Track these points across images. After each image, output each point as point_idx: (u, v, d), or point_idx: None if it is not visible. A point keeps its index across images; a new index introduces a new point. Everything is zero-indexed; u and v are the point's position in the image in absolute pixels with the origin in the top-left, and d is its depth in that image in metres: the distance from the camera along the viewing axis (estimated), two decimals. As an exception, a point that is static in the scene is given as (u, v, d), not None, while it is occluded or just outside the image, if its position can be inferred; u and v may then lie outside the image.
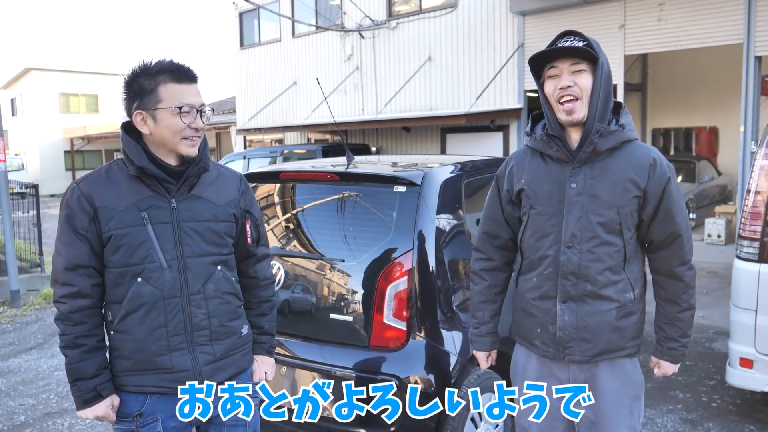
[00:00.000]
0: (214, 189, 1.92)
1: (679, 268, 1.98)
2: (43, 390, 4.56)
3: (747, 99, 8.32)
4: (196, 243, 1.85)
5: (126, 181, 1.81)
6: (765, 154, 3.54)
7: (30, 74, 28.63)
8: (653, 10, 9.06)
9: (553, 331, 1.98)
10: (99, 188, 1.80)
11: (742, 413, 3.86)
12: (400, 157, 4.40)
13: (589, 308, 1.93)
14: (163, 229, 1.80)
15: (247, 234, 2.02)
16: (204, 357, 1.87)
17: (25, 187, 9.74)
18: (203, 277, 1.86)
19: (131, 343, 1.81)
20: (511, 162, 2.10)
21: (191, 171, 1.84)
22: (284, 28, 14.92)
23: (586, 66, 1.88)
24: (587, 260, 1.91)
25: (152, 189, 1.81)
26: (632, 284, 1.96)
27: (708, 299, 6.60)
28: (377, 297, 2.68)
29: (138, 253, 1.78)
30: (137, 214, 1.79)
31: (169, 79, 1.78)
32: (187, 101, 1.78)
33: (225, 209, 1.92)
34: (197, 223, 1.85)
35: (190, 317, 1.83)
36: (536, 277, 2.00)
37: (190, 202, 1.86)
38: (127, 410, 1.85)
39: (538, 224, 1.98)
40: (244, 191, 2.02)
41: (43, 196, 14.40)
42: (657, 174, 1.90)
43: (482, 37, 11.27)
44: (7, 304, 7.17)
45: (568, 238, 1.92)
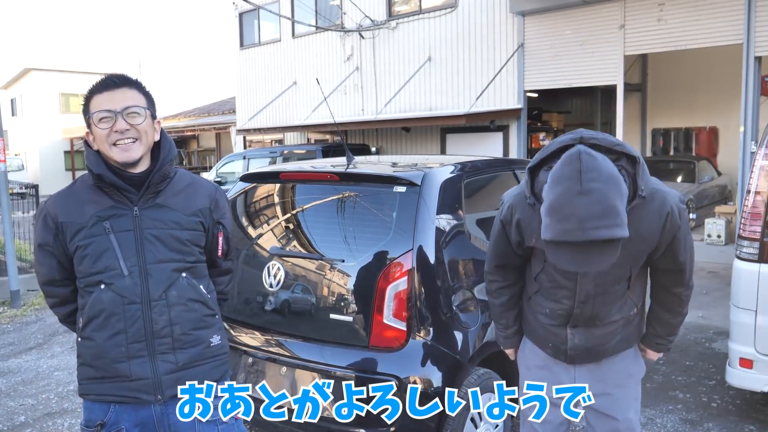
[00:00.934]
0: (183, 197, 1.91)
1: (678, 289, 2.08)
2: (43, 390, 4.56)
3: (747, 99, 8.31)
4: (158, 250, 1.83)
5: (89, 194, 1.84)
6: (765, 154, 3.54)
7: (30, 74, 28.63)
8: (653, 10, 9.06)
9: (564, 349, 2.10)
10: (62, 205, 1.85)
11: (742, 413, 3.86)
12: (399, 158, 4.40)
13: (597, 331, 2.06)
14: (125, 237, 1.81)
15: (219, 246, 2.01)
16: (165, 366, 1.83)
17: (25, 187, 9.76)
18: (165, 283, 1.83)
19: (93, 349, 1.82)
20: (516, 214, 2.00)
21: (152, 178, 1.83)
22: (284, 29, 14.92)
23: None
24: (599, 305, 2.02)
25: (114, 198, 1.83)
26: (635, 302, 2.08)
27: (708, 299, 6.60)
28: (377, 297, 2.68)
29: (101, 262, 1.80)
30: (99, 225, 1.80)
31: (96, 91, 1.81)
32: (105, 107, 1.78)
33: (191, 218, 1.90)
34: (160, 231, 1.84)
35: (151, 324, 1.81)
36: (549, 310, 2.09)
37: (154, 210, 1.85)
38: (91, 418, 1.85)
39: (553, 276, 2.03)
40: (217, 202, 2.00)
41: (43, 196, 14.40)
42: (668, 230, 1.89)
43: (482, 37, 11.27)
44: (7, 304, 7.17)
45: (582, 297, 2.00)
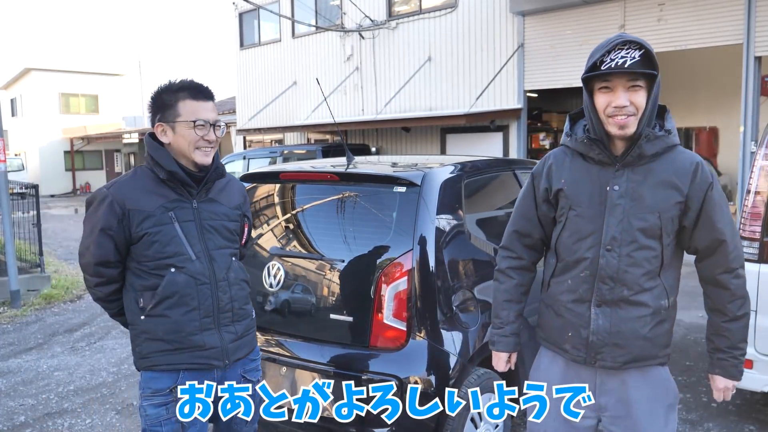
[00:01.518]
0: (225, 194, 2.21)
1: (723, 276, 1.92)
2: (43, 390, 4.56)
3: (747, 99, 8.32)
4: (216, 238, 2.12)
5: (152, 185, 2.05)
6: (765, 154, 3.54)
7: (30, 74, 28.63)
8: (653, 10, 9.06)
9: (585, 335, 1.93)
10: (129, 192, 2.03)
11: (742, 413, 3.86)
12: (399, 158, 4.40)
13: (623, 314, 1.89)
14: (188, 227, 2.06)
15: (243, 235, 2.30)
16: (229, 336, 2.12)
17: (25, 187, 9.74)
18: (225, 266, 2.13)
19: (167, 325, 2.02)
20: (549, 160, 2.04)
21: (210, 176, 2.11)
22: (284, 29, 14.92)
23: (642, 82, 1.81)
24: (626, 264, 1.87)
25: (176, 192, 2.07)
26: (667, 291, 1.92)
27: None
28: (377, 297, 2.68)
29: (169, 248, 2.02)
30: (166, 214, 2.03)
31: (188, 96, 2.04)
32: (202, 116, 2.04)
33: (234, 211, 2.22)
34: (215, 221, 2.13)
35: (217, 301, 2.09)
36: (571, 280, 1.96)
37: (208, 203, 2.13)
38: (159, 387, 2.04)
39: (576, 226, 1.93)
40: (245, 198, 2.34)
41: (43, 196, 14.42)
42: (699, 179, 1.86)
43: (482, 37, 11.27)
44: (7, 305, 7.17)
45: (608, 241, 1.87)
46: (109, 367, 5.05)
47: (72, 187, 28.80)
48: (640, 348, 1.91)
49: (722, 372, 1.98)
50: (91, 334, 6.05)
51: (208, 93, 2.10)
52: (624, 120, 1.81)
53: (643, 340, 1.90)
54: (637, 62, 1.77)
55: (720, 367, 1.99)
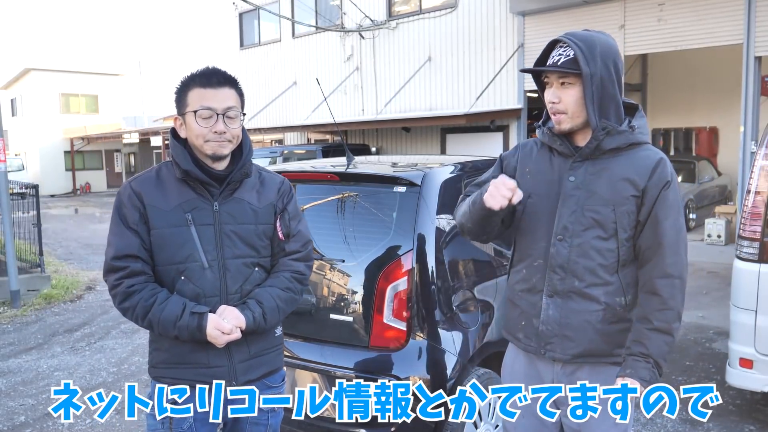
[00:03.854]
0: (258, 192, 1.98)
1: (658, 280, 1.83)
2: (43, 390, 4.56)
3: (747, 99, 8.32)
4: (236, 245, 1.91)
5: (173, 183, 1.90)
6: (765, 154, 3.54)
7: (30, 74, 28.64)
8: (653, 10, 9.06)
9: (536, 325, 1.94)
10: (148, 187, 1.89)
11: (742, 413, 3.86)
12: (400, 158, 4.40)
13: (574, 305, 1.88)
14: (205, 231, 1.88)
15: (278, 230, 2.01)
16: (239, 355, 1.92)
17: (25, 187, 9.74)
18: (242, 278, 1.92)
19: (170, 338, 1.86)
20: (518, 148, 2.11)
21: (234, 175, 1.91)
22: (284, 29, 14.93)
23: (573, 79, 1.84)
24: (576, 255, 1.87)
25: (197, 191, 1.89)
26: (624, 289, 1.88)
27: (708, 299, 6.60)
28: (377, 297, 2.68)
29: (181, 253, 1.86)
30: (182, 215, 1.86)
31: (197, 84, 1.85)
32: (206, 104, 1.82)
33: (265, 212, 1.97)
34: (238, 226, 1.92)
35: None
36: (525, 269, 1.99)
37: (233, 204, 1.92)
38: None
39: (532, 214, 1.96)
40: (284, 193, 2.05)
41: (43, 196, 14.41)
42: (657, 175, 1.85)
43: (482, 38, 11.28)
44: (7, 305, 7.17)
45: (559, 231, 1.89)
46: (109, 367, 5.05)
47: (72, 187, 28.80)
48: (589, 342, 1.89)
49: (632, 372, 1.80)
50: (91, 334, 6.05)
51: (221, 78, 1.86)
52: (557, 117, 1.88)
53: (594, 335, 1.88)
54: (570, 60, 1.82)
55: (632, 368, 1.81)
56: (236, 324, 1.84)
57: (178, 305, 1.82)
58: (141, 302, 1.82)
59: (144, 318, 1.83)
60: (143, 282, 1.84)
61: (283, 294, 1.97)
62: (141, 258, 1.85)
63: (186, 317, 1.80)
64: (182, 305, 1.82)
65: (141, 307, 1.82)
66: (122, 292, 1.83)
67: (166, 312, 1.80)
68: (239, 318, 1.85)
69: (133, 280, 1.83)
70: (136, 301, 1.82)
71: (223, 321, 1.83)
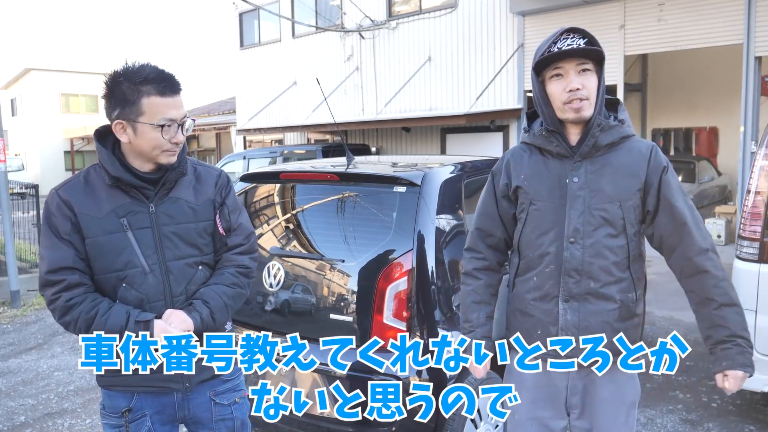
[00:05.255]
0: (193, 190, 1.92)
1: (698, 257, 1.83)
2: (43, 390, 4.56)
3: (747, 99, 8.32)
4: (177, 246, 1.85)
5: (103, 188, 1.81)
6: (765, 154, 3.54)
7: (30, 74, 28.64)
8: (653, 10, 9.06)
9: (554, 332, 1.91)
10: (77, 195, 1.79)
11: (742, 413, 3.86)
12: (400, 158, 4.40)
13: (591, 307, 1.88)
14: (143, 235, 1.81)
15: (218, 225, 1.96)
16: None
17: (25, 187, 9.75)
18: (185, 279, 1.87)
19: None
20: (506, 158, 2.06)
21: (168, 177, 1.84)
22: (284, 29, 14.92)
23: (591, 66, 1.86)
24: (590, 256, 1.86)
25: (130, 195, 1.81)
26: (635, 284, 1.91)
27: (708, 299, 6.59)
28: (377, 297, 2.68)
29: (120, 259, 1.79)
30: (116, 221, 1.79)
31: (153, 91, 1.74)
32: (169, 116, 1.76)
33: (204, 209, 1.91)
34: (177, 226, 1.85)
35: None
36: (537, 277, 1.94)
37: (169, 204, 1.85)
38: (114, 405, 1.86)
39: (538, 220, 1.94)
40: (221, 186, 1.99)
41: (43, 196, 14.38)
42: (654, 162, 1.89)
43: (482, 37, 11.27)
44: (7, 305, 7.17)
45: (570, 233, 1.87)
46: (109, 367, 5.05)
47: (72, 187, 28.80)
48: (609, 341, 1.88)
49: (730, 363, 1.80)
50: (91, 334, 6.05)
51: (176, 86, 1.78)
52: (579, 104, 1.85)
53: (613, 333, 1.87)
54: (582, 48, 1.83)
55: (727, 358, 1.80)
56: (184, 328, 1.77)
57: (121, 315, 1.74)
58: (82, 315, 1.73)
59: (87, 331, 1.74)
60: (82, 294, 1.76)
61: (230, 290, 1.92)
62: (77, 269, 1.76)
63: (131, 326, 1.73)
64: (126, 314, 1.75)
65: (83, 320, 1.74)
66: (61, 307, 1.74)
67: (110, 323, 1.73)
68: (186, 321, 1.79)
69: (72, 293, 1.74)
70: (77, 314, 1.74)
71: (170, 326, 1.76)
